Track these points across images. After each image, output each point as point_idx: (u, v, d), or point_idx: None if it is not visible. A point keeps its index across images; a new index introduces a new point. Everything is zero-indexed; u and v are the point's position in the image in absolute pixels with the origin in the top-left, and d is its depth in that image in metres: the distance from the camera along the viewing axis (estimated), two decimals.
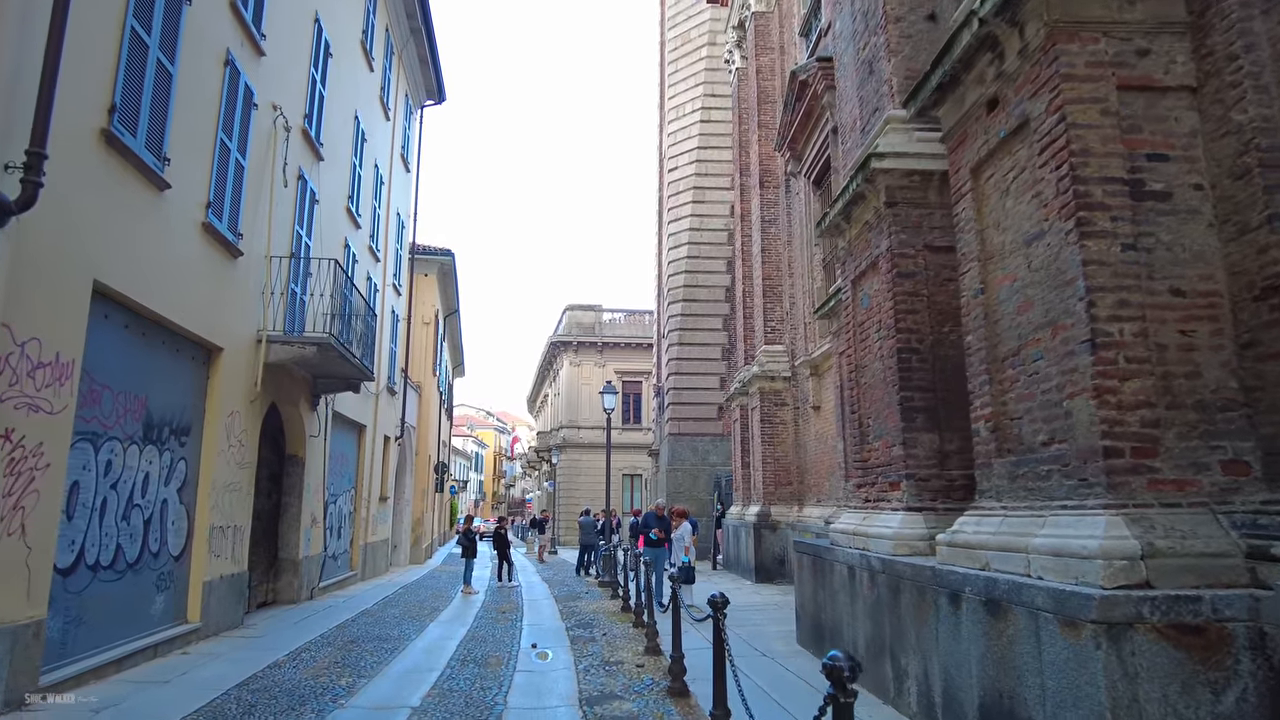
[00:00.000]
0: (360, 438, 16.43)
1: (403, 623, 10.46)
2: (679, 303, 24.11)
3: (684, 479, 23.08)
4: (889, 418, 6.27)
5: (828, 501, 13.72)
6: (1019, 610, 3.70)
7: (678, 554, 11.56)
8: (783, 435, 15.76)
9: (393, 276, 19.00)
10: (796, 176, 15.69)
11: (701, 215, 24.43)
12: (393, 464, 19.78)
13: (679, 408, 23.55)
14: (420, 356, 23.97)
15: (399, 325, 19.86)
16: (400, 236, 19.99)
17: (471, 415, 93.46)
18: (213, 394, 8.56)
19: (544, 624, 10.42)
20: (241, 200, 9.02)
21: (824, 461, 14.02)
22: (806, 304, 14.95)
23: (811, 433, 14.77)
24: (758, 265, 16.98)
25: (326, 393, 12.58)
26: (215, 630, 8.50)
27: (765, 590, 13.75)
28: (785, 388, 15.88)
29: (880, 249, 6.46)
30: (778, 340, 16.33)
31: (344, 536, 15.25)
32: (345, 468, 15.28)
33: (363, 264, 15.69)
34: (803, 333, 15.20)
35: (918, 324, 6.15)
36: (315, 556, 12.61)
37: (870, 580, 5.88)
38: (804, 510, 14.92)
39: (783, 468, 15.66)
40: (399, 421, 20.05)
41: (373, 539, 17.48)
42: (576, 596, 13.57)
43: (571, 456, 36.45)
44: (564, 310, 38.98)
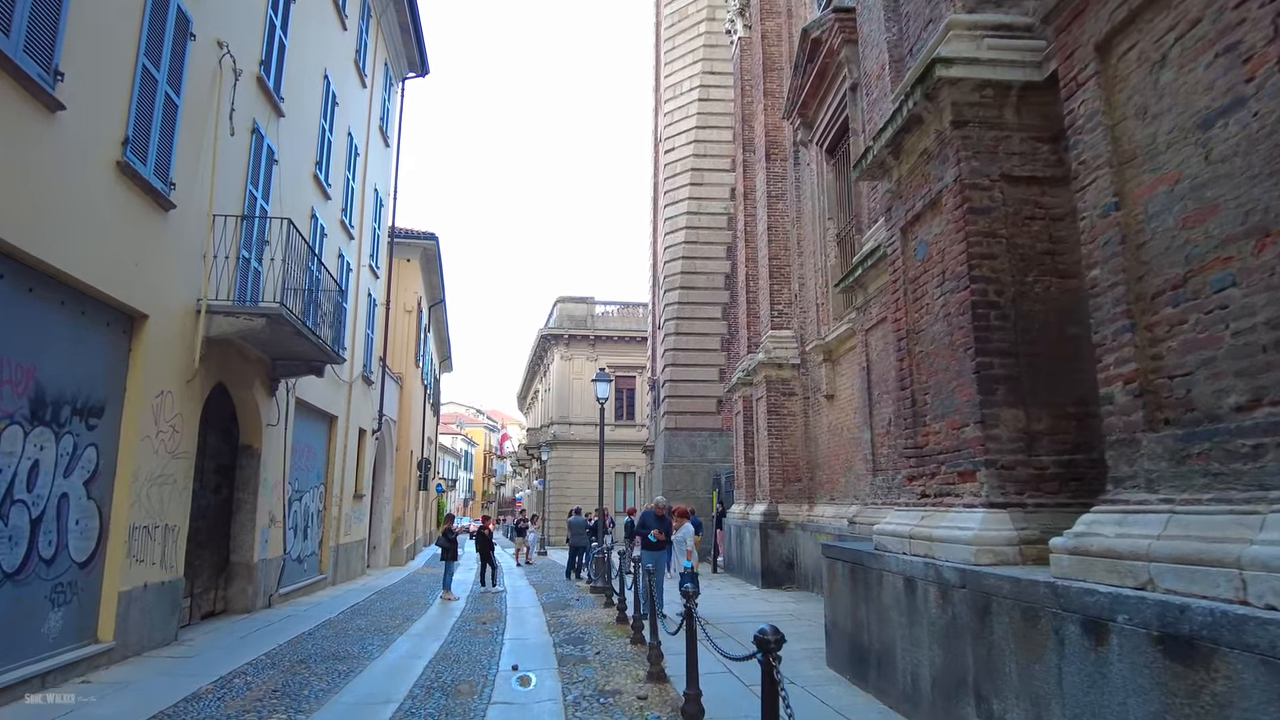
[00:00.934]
0: (331, 429, 15.08)
1: (367, 637, 9.14)
2: (676, 290, 22.84)
3: (681, 476, 21.83)
4: (959, 390, 5.01)
5: (843, 499, 12.48)
6: (1237, 658, 2.43)
7: (679, 558, 10.29)
8: (791, 428, 14.51)
9: (369, 257, 17.65)
10: (807, 145, 14.44)
11: (700, 198, 23.17)
12: (369, 459, 18.42)
13: (676, 401, 22.29)
14: (401, 346, 22.61)
15: (376, 310, 18.51)
16: (378, 215, 18.64)
17: (461, 413, 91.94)
18: (136, 369, 7.21)
19: (528, 638, 9.12)
20: (174, 144, 7.68)
21: (839, 456, 12.78)
22: (818, 284, 13.70)
23: (824, 424, 13.52)
24: (763, 245, 15.72)
25: (287, 376, 11.24)
26: (137, 649, 7.16)
27: (774, 597, 12.48)
28: (794, 376, 14.63)
29: (945, 181, 5.20)
30: (785, 325, 15.07)
31: (311, 537, 13.90)
32: (313, 462, 13.93)
33: (333, 239, 14.33)
34: (814, 315, 13.94)
35: (996, 271, 4.89)
36: (274, 560, 11.26)
37: (941, 596, 4.61)
38: (815, 509, 13.67)
39: (791, 463, 14.40)
40: (376, 413, 18.69)
41: (346, 540, 16.13)
42: (566, 604, 12.28)
43: (562, 454, 35.11)
44: (555, 302, 37.64)
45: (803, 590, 13.23)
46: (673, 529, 10.50)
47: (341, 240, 14.99)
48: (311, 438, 13.78)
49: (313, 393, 13.28)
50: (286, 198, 11.14)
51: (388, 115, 19.42)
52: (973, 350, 4.83)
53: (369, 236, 17.53)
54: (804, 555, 13.49)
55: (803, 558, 13.54)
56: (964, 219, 4.98)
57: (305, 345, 10.13)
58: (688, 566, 10.01)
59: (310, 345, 10.20)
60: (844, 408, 12.51)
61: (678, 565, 10.26)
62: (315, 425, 14.06)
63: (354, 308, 16.22)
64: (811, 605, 11.20)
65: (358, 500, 17.20)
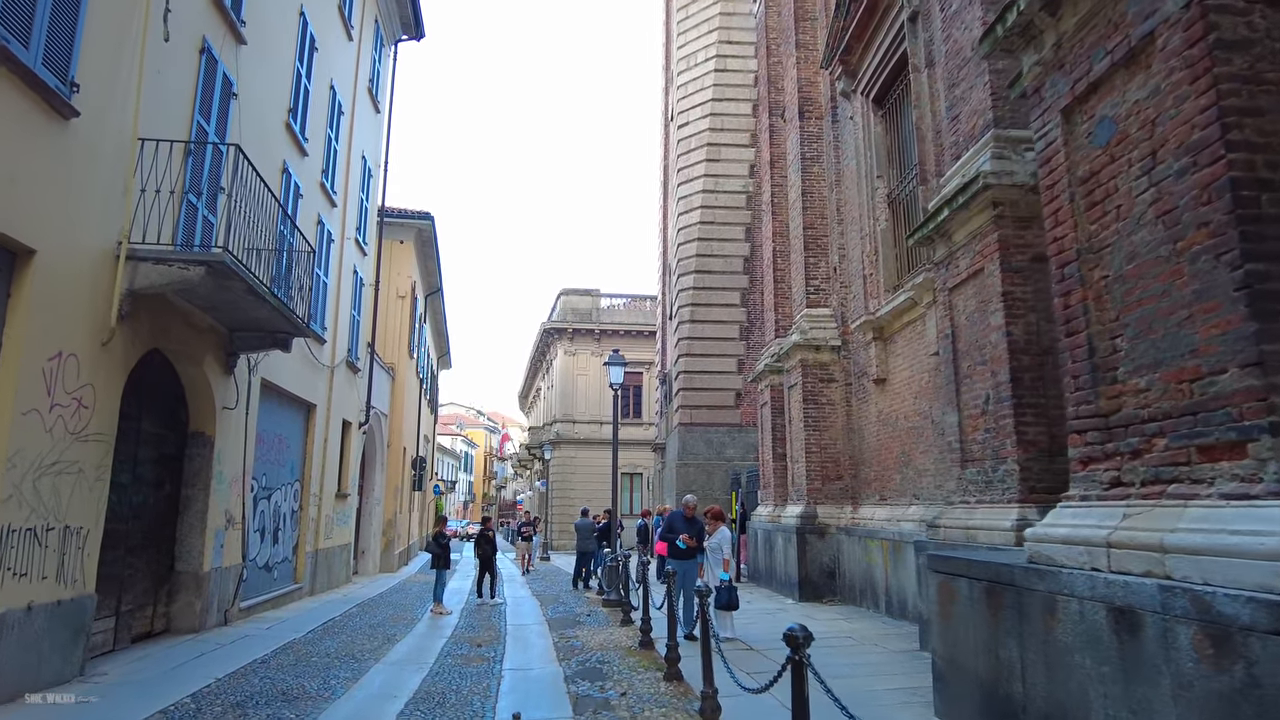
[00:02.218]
0: (309, 419, 13.34)
1: (334, 665, 7.39)
2: (690, 274, 21.10)
3: (696, 475, 20.07)
4: (1202, 320, 3.25)
5: (897, 499, 10.73)
6: None
7: (714, 568, 8.54)
8: (831, 418, 12.76)
9: (356, 231, 15.93)
10: (849, 96, 12.70)
11: (716, 175, 21.46)
12: (355, 455, 16.68)
13: (690, 394, 20.54)
14: (394, 334, 20.89)
15: (364, 291, 16.78)
16: (367, 186, 16.92)
17: (461, 414, 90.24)
18: (15, 320, 5.48)
19: (533, 668, 7.37)
20: (78, 34, 5.96)
21: (891, 449, 11.02)
22: (865, 252, 11.95)
23: (871, 413, 11.77)
24: (797, 213, 13.98)
25: (248, 351, 9.51)
26: (14, 692, 5.41)
27: (818, 612, 10.71)
28: (833, 360, 12.88)
29: (1162, 13, 3.45)
30: (823, 303, 13.33)
31: (284, 541, 12.15)
32: (286, 455, 12.19)
33: (311, 202, 12.61)
34: (859, 290, 12.20)
35: (1265, 135, 3.14)
36: (231, 568, 9.51)
37: (1211, 644, 2.85)
38: (860, 511, 11.91)
39: (831, 458, 12.64)
40: (364, 405, 16.95)
41: (327, 544, 14.38)
42: (575, 620, 10.52)
43: (566, 453, 33.38)
44: (558, 295, 35.93)
45: (848, 604, 11.46)
46: (706, 533, 8.76)
47: (321, 205, 13.27)
48: (284, 427, 12.04)
49: (285, 375, 11.54)
50: (251, 142, 9.39)
51: (378, 78, 17.72)
52: (1235, 254, 3.08)
53: (355, 208, 15.82)
54: (849, 563, 11.73)
55: (847, 566, 11.78)
56: (1208, 59, 3.23)
57: (264, 311, 8.39)
58: (725, 579, 8.26)
59: (271, 311, 8.46)
60: (900, 392, 10.76)
61: (712, 577, 8.52)
62: (289, 413, 12.32)
63: (336, 284, 14.51)
64: (868, 624, 9.44)
65: (341, 500, 15.46)
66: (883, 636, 8.48)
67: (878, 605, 10.52)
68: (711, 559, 8.58)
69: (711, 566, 8.59)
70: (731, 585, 8.25)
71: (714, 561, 8.57)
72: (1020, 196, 6.80)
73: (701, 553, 8.71)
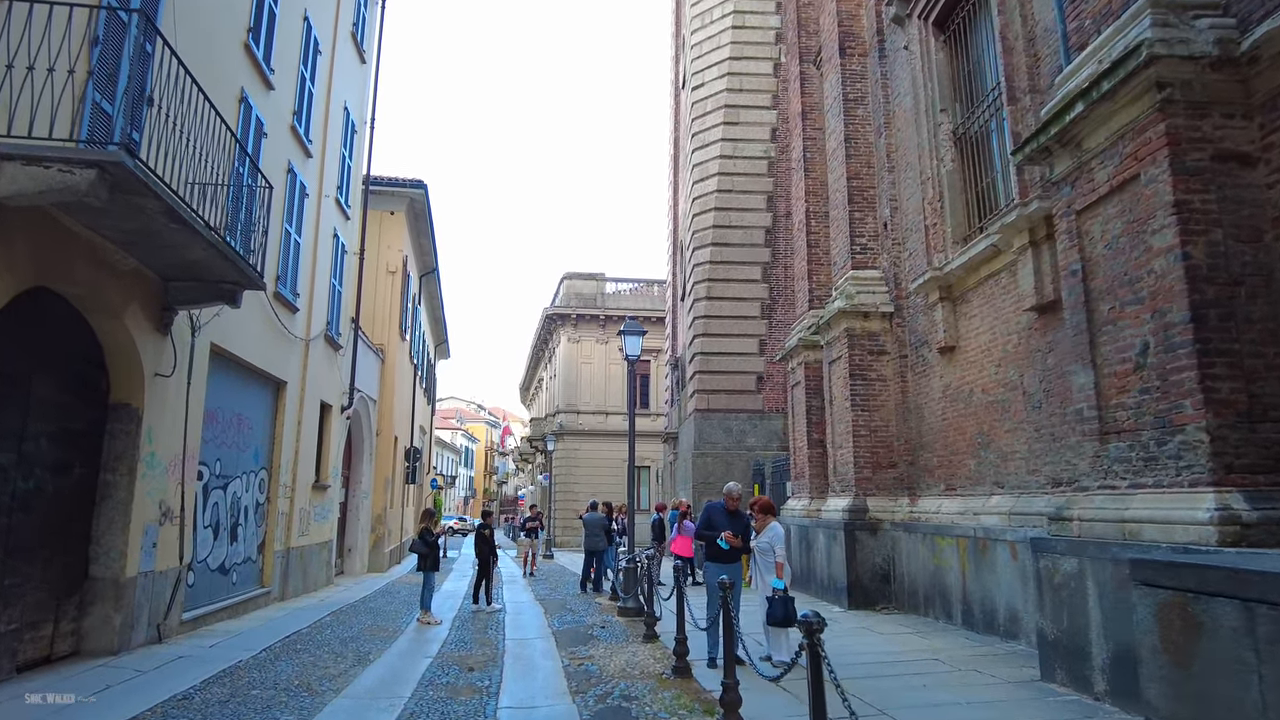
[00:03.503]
0: (278, 398, 11.58)
1: (278, 702, 5.65)
2: (707, 248, 19.32)
3: (714, 467, 18.32)
4: None
5: (972, 487, 8.97)
6: None
7: (763, 573, 6.80)
8: (882, 396, 10.99)
9: (337, 190, 14.16)
10: (904, 22, 10.91)
11: (735, 140, 19.66)
12: (337, 442, 14.93)
13: (707, 378, 18.77)
14: (384, 312, 19.14)
15: (347, 259, 15.02)
16: (350, 143, 15.15)
17: (462, 408, 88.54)
18: None
19: (538, 707, 5.62)
20: None
21: (962, 429, 9.26)
22: (929, 198, 10.17)
23: (934, 389, 10.00)
24: (838, 164, 12.19)
25: (188, 305, 7.74)
26: None
27: (878, 622, 8.96)
28: (885, 328, 11.11)
29: None
30: (870, 263, 11.55)
31: (246, 539, 10.41)
32: (248, 438, 10.44)
33: (279, 144, 10.85)
34: (919, 244, 10.42)
35: None
36: (167, 572, 7.76)
37: None
38: (921, 502, 10.16)
39: (882, 442, 10.88)
40: (347, 387, 15.20)
41: (302, 542, 12.64)
42: (588, 634, 8.77)
43: (569, 445, 31.63)
44: (561, 279, 34.16)
45: (909, 612, 9.71)
46: (754, 530, 7.01)
47: (292, 152, 11.49)
48: (245, 405, 10.29)
49: (246, 343, 9.79)
50: (195, 53, 7.58)
51: (363, 24, 15.96)
52: None
53: (335, 163, 14.05)
54: (908, 565, 9.98)
55: (906, 568, 10.02)
56: None
57: (198, 249, 6.63)
58: (779, 587, 6.50)
59: (208, 252, 6.70)
60: (976, 361, 8.99)
61: (762, 584, 6.77)
62: (252, 390, 10.57)
63: (313, 246, 12.75)
64: (948, 640, 7.68)
65: (320, 492, 13.71)
66: (977, 659, 6.72)
67: (950, 615, 8.76)
68: (760, 562, 6.83)
69: (761, 571, 6.84)
70: (788, 595, 6.50)
71: (763, 565, 6.81)
72: (1196, 75, 5.04)
73: (746, 553, 6.96)
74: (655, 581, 8.47)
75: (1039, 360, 7.69)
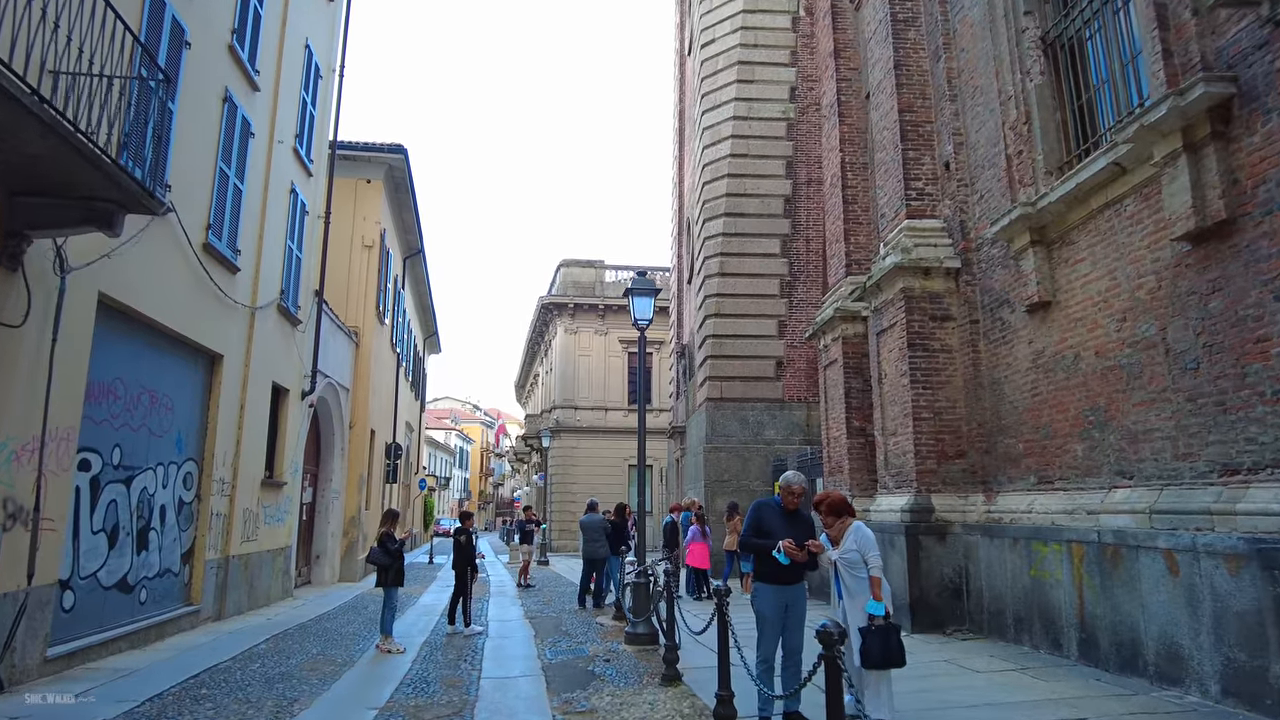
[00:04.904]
0: (212, 374, 9.57)
1: None
2: (719, 219, 17.33)
3: (728, 463, 16.32)
4: None
5: (1080, 480, 7.00)
6: None
7: (851, 594, 4.82)
8: (947, 371, 9.02)
9: (296, 140, 12.16)
10: None
11: (750, 100, 17.68)
12: (296, 432, 12.90)
13: (721, 364, 16.78)
14: (358, 290, 17.13)
15: (307, 221, 12.99)
16: (313, 88, 13.14)
17: (457, 408, 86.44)
18: None
19: None
20: None
21: (1064, 405, 7.29)
22: (1009, 122, 8.20)
23: (1021, 357, 8.02)
24: (887, 97, 10.22)
25: (45, 229, 5.73)
26: None
27: (961, 653, 6.95)
28: (950, 288, 9.14)
29: None
30: (929, 212, 9.58)
31: (163, 546, 8.38)
32: (166, 421, 8.41)
33: (210, 64, 8.87)
34: (997, 179, 8.46)
35: None
36: (10, 595, 5.72)
37: None
38: (1001, 499, 8.18)
39: (948, 427, 8.90)
40: (309, 370, 13.17)
41: (247, 548, 10.62)
42: (589, 672, 6.75)
43: (566, 443, 29.61)
44: (558, 266, 32.17)
45: (991, 637, 7.73)
46: (828, 534, 5.02)
47: (229, 76, 9.48)
48: (161, 380, 8.27)
49: (157, 300, 7.78)
50: None
51: None
52: None
53: (293, 107, 12.04)
54: (988, 578, 8.00)
55: (985, 582, 8.04)
56: None
57: (38, 139, 4.64)
58: (878, 612, 4.53)
59: (58, 145, 4.71)
60: (1086, 317, 7.01)
61: (851, 609, 4.79)
62: (171, 361, 8.54)
63: (261, 198, 10.76)
64: (1073, 683, 5.69)
65: (273, 490, 11.68)
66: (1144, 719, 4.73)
67: (1058, 645, 6.77)
68: (847, 578, 4.83)
69: (847, 591, 4.85)
70: (890, 624, 4.52)
71: (851, 583, 4.83)
72: None
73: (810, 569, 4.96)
74: (675, 598, 6.46)
75: (1194, 306, 5.71)
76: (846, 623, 4.82)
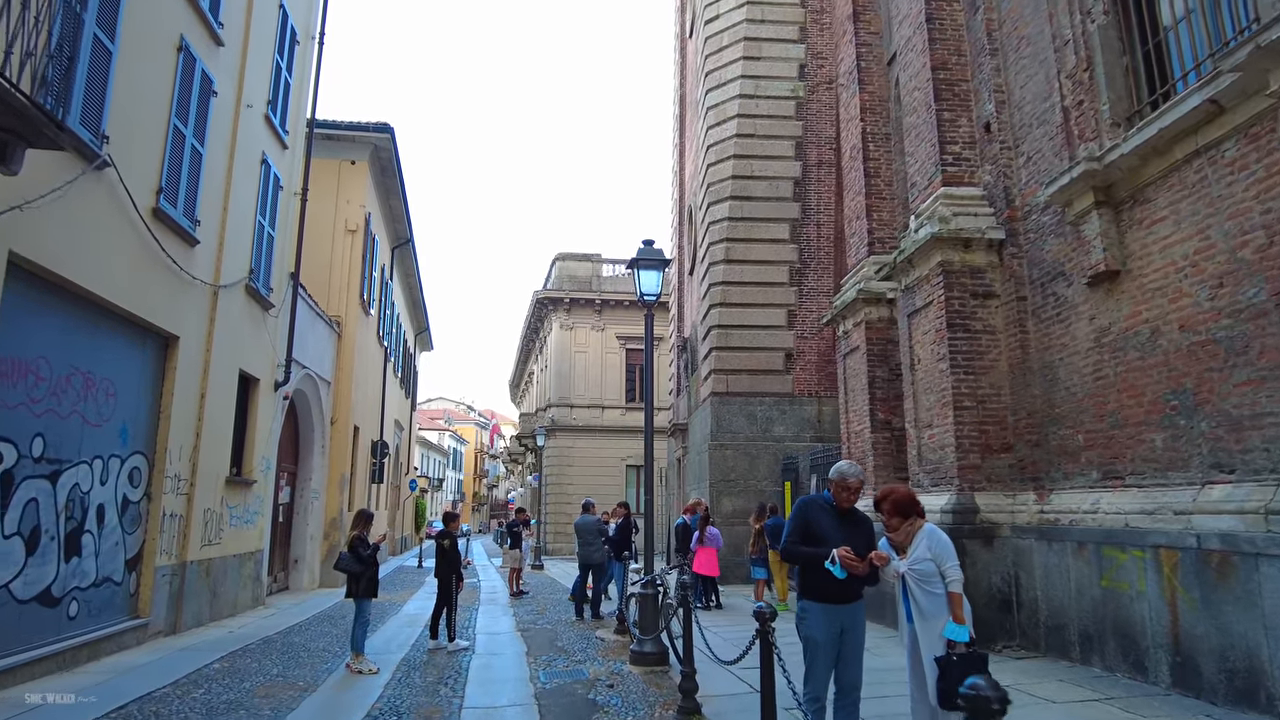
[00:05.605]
0: (167, 357, 8.53)
1: None
2: (725, 202, 16.35)
3: (735, 460, 15.33)
4: None
5: (1160, 474, 6.03)
6: None
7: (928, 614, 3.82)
8: (991, 354, 8.04)
9: (266, 104, 11.13)
10: None
11: (757, 77, 16.71)
12: (268, 426, 11.85)
13: (726, 356, 15.79)
14: (340, 277, 16.10)
15: (280, 195, 11.95)
16: (288, 53, 12.11)
17: (451, 409, 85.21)
18: None
19: None
20: None
21: (1140, 389, 6.31)
22: (1067, 70, 7.22)
23: (1082, 336, 7.04)
24: (918, 54, 9.24)
25: None
26: None
27: (1023, 676, 5.94)
28: (993, 262, 8.17)
29: None
30: (968, 178, 8.60)
31: (102, 551, 7.34)
32: (103, 408, 7.36)
33: (167, 10, 7.83)
34: (1050, 137, 7.49)
35: None
36: None
37: None
38: (1057, 498, 7.20)
39: (993, 417, 7.93)
40: (283, 359, 12.13)
41: (209, 553, 9.58)
42: (591, 702, 5.73)
43: (562, 442, 28.58)
44: (554, 260, 31.15)
45: (1050, 655, 6.75)
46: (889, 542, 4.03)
47: (185, 22, 8.43)
48: (99, 361, 7.23)
49: (91, 267, 6.75)
50: None
51: None
52: None
53: (265, 70, 11.01)
54: (1045, 587, 7.02)
55: (1042, 592, 7.06)
56: None
57: None
58: (962, 638, 3.55)
59: None
60: (1167, 285, 6.03)
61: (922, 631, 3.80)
62: (111, 340, 7.50)
63: (226, 165, 9.74)
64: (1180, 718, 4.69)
65: (240, 489, 10.64)
66: None
67: (1140, 668, 5.79)
68: (918, 594, 3.83)
69: (918, 611, 3.85)
70: (976, 653, 3.54)
71: (923, 600, 3.83)
72: None
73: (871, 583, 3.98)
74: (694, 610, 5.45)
75: None
76: (917, 652, 3.84)
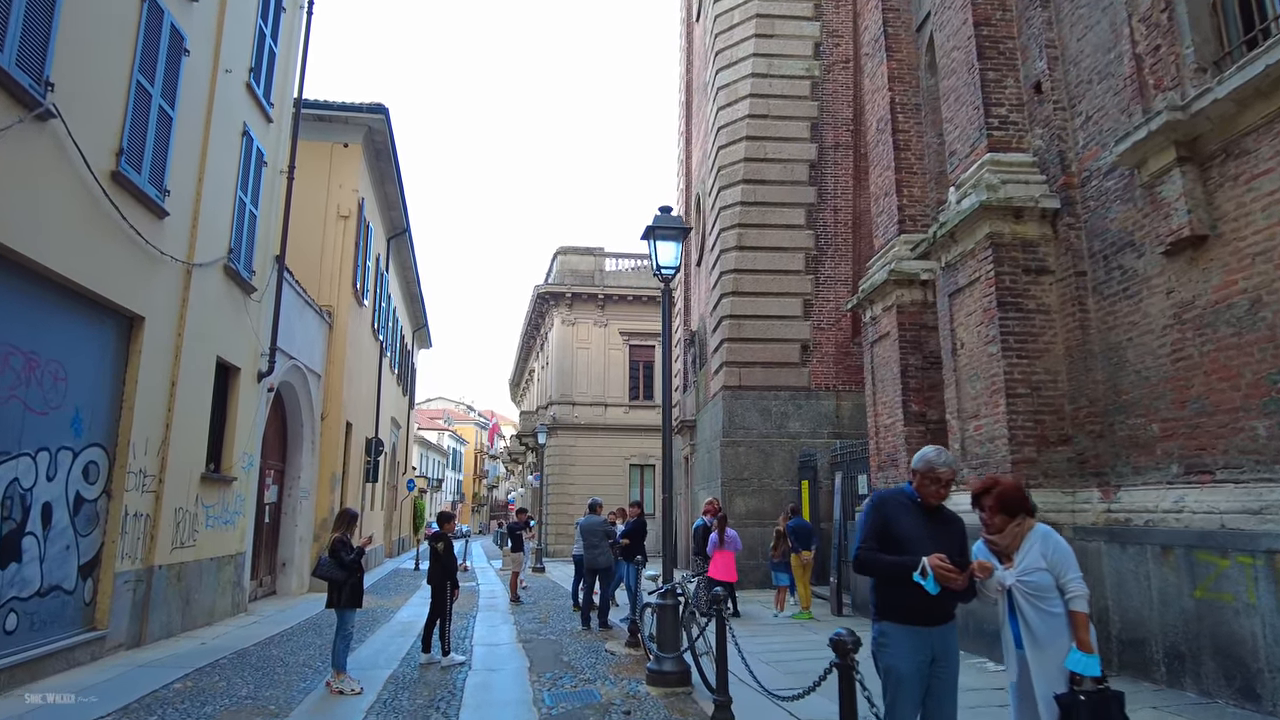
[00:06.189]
0: (129, 341, 7.71)
1: None
2: (736, 186, 15.54)
3: (748, 458, 14.50)
4: None
5: (1267, 468, 5.19)
6: None
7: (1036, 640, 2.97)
8: (1045, 336, 7.23)
9: (249, 72, 10.32)
10: None
11: (770, 56, 15.89)
12: (249, 419, 11.02)
13: (739, 348, 14.97)
14: (331, 265, 15.27)
15: (265, 172, 11.13)
16: (273, 20, 11.29)
17: (450, 409, 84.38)
18: None
19: None
20: None
21: (1232, 371, 5.51)
22: (1142, 11, 6.40)
23: (1156, 313, 6.22)
24: (958, 10, 8.42)
25: None
26: None
27: None
28: (1046, 235, 7.35)
29: None
30: (1016, 143, 7.79)
31: (50, 556, 6.51)
32: (50, 394, 6.54)
33: None
34: (1114, 93, 6.68)
35: None
36: None
37: None
38: (1125, 495, 6.39)
39: (1048, 405, 7.11)
40: (268, 348, 11.30)
41: (181, 557, 8.75)
42: None
43: (563, 441, 27.75)
44: (555, 254, 30.33)
45: (1125, 674, 5.92)
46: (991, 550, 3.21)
47: None
48: (45, 341, 6.41)
49: (33, 236, 5.93)
50: None
51: None
52: None
53: (246, 34, 10.20)
54: (1116, 597, 6.20)
55: (1113, 601, 6.24)
56: None
57: None
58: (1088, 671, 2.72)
59: None
60: (1273, 251, 5.20)
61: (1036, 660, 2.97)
62: (63, 319, 6.68)
63: (201, 133, 8.93)
64: None
65: (218, 486, 9.81)
66: None
67: (1252, 694, 4.96)
68: (1029, 613, 3.01)
69: (1030, 635, 3.03)
70: (1107, 690, 2.73)
71: (1036, 620, 3.01)
72: None
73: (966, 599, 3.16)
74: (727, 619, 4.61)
75: None
76: (1028, 686, 3.02)
